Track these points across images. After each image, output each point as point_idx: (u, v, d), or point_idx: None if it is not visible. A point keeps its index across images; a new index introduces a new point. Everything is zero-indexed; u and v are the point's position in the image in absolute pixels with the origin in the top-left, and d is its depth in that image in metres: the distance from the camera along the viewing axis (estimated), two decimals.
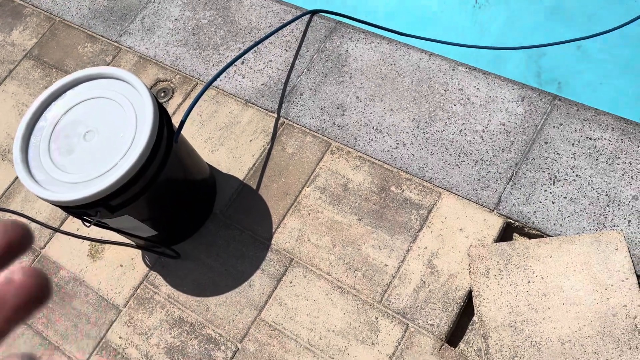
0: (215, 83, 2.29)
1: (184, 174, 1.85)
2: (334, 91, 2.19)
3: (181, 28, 2.47)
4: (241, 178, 2.08)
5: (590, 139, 1.89)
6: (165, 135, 1.66)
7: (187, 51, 2.41)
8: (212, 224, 2.02)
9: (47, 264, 2.09)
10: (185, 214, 1.94)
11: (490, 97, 2.04)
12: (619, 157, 1.84)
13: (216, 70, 2.33)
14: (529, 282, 1.62)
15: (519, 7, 2.99)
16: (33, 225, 2.17)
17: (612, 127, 1.89)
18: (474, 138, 1.98)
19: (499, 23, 2.98)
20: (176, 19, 2.50)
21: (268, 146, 2.12)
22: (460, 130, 2.01)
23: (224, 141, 2.17)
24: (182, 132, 1.94)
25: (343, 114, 2.14)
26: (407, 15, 3.04)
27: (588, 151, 1.87)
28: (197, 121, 2.23)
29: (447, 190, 1.92)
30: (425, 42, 2.45)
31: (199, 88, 2.31)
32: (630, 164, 1.82)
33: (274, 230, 1.96)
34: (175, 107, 2.29)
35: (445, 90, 2.09)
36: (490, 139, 1.97)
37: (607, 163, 1.84)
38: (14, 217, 2.20)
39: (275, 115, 2.19)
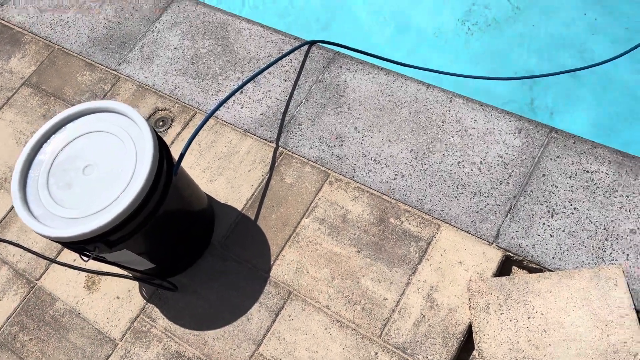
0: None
1: (183, 206, 1.84)
2: (333, 121, 2.20)
3: (180, 57, 2.48)
4: (239, 208, 2.08)
5: (588, 171, 1.90)
6: (165, 168, 1.66)
7: (186, 80, 2.42)
8: (210, 256, 2.01)
9: (43, 295, 2.06)
10: (183, 246, 1.93)
11: (487, 129, 2.06)
12: (617, 191, 1.85)
13: (215, 99, 2.34)
14: (529, 318, 1.61)
15: (512, 34, 3.03)
16: (28, 256, 2.15)
17: (609, 160, 1.91)
18: (472, 170, 1.99)
19: (492, 50, 3.02)
20: (175, 48, 2.51)
21: (267, 176, 2.13)
22: (458, 162, 2.02)
23: (222, 171, 2.17)
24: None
25: (342, 145, 2.14)
26: (403, 43, 3.07)
27: (585, 184, 1.88)
28: (195, 150, 2.23)
29: (446, 223, 1.92)
30: (422, 72, 2.47)
31: (198, 117, 2.31)
32: (628, 197, 1.83)
33: (272, 262, 1.95)
34: (173, 136, 2.29)
35: (442, 122, 2.11)
36: (488, 170, 1.98)
37: (604, 196, 1.85)
38: (10, 247, 2.18)
39: (274, 145, 2.19)
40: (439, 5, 3.21)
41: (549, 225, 1.84)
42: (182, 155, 1.77)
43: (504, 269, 1.86)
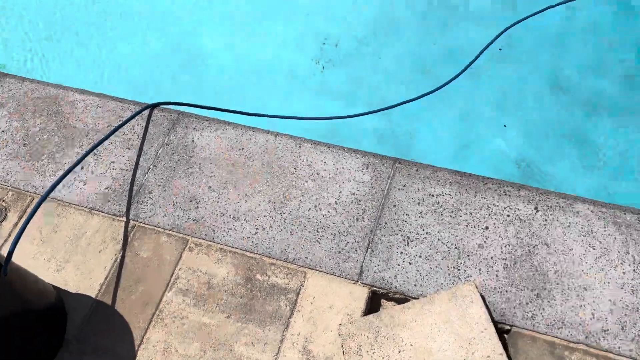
0: (54, 194, 2.12)
1: (20, 308, 1.65)
2: (185, 184, 2.12)
3: (9, 140, 2.28)
4: (93, 295, 1.91)
5: (433, 195, 2.00)
6: None
7: (18, 164, 2.21)
8: (66, 354, 1.81)
9: None
10: (28, 351, 1.72)
11: (337, 169, 2.10)
12: (460, 209, 1.96)
13: (53, 180, 2.16)
14: (400, 352, 1.63)
15: (362, 68, 3.16)
16: None
17: (450, 182, 2.02)
18: (328, 211, 2.01)
19: (346, 85, 3.12)
20: (3, 131, 2.30)
21: (120, 254, 1.98)
22: (315, 206, 2.03)
23: (69, 257, 1.99)
24: (19, 255, 1.75)
25: (197, 207, 2.07)
26: (253, 91, 3.09)
27: (433, 208, 1.97)
28: (37, 239, 2.03)
29: (312, 269, 1.91)
30: (272, 120, 2.49)
31: None
32: (471, 214, 1.94)
33: (136, 348, 1.80)
34: (10, 228, 2.07)
35: (295, 168, 2.12)
36: (344, 209, 2.01)
37: (451, 217, 1.95)
38: None
39: (124, 219, 2.06)
40: (292, 47, 3.26)
41: (406, 254, 1.89)
42: (10, 254, 1.59)
43: (373, 304, 1.87)
